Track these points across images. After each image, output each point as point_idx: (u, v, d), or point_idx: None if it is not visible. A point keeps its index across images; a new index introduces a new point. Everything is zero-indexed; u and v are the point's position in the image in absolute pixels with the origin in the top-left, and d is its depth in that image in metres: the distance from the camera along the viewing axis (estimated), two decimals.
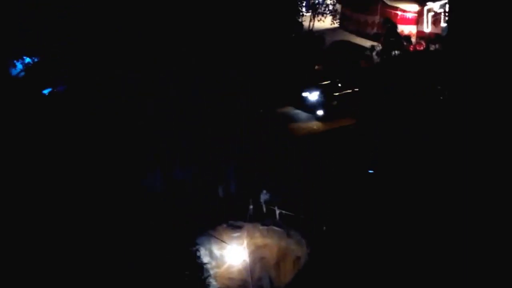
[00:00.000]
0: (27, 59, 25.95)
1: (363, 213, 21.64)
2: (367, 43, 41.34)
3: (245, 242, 24.67)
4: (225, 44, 25.04)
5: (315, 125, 31.38)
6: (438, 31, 41.75)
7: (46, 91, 25.32)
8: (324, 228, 22.18)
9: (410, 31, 42.26)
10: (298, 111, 32.66)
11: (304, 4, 43.92)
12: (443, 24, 41.05)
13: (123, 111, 22.62)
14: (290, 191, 24.40)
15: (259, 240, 24.82)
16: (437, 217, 19.55)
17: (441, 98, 28.79)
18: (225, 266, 24.46)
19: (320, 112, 32.17)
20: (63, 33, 24.10)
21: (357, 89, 33.36)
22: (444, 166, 21.44)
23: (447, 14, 39.21)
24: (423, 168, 21.97)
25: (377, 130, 24.90)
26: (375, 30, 44.13)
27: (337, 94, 33.03)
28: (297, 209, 23.71)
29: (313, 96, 33.07)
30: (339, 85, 33.74)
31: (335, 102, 32.66)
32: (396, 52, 35.17)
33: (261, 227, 25.05)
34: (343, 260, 20.30)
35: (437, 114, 24.71)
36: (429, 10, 41.62)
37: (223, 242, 24.20)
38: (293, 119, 31.87)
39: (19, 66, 25.96)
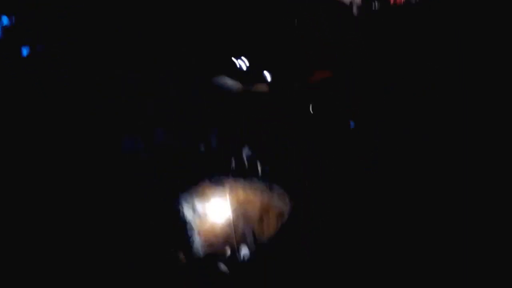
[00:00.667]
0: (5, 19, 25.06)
1: (347, 172, 21.53)
2: None
3: (228, 197, 24.55)
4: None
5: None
6: None
7: (24, 51, 24.57)
8: (307, 183, 22.00)
9: None
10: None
11: None
12: None
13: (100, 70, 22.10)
14: (273, 146, 24.09)
15: (242, 195, 24.56)
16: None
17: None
18: (209, 222, 24.33)
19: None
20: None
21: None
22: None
23: None
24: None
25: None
26: None
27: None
28: (280, 164, 23.39)
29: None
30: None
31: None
32: (376, 4, 34.30)
33: (243, 182, 24.87)
34: (326, 216, 20.40)
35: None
36: None
37: (206, 198, 24.04)
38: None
39: None
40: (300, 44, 29.49)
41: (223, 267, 19.82)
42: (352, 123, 22.83)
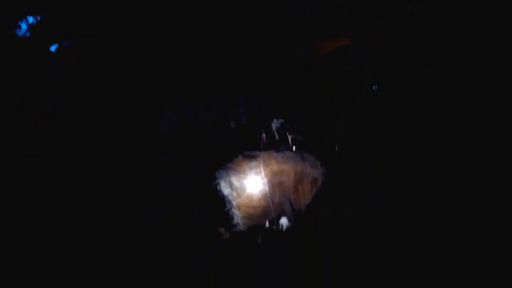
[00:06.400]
0: (31, 19, 25.96)
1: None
2: None
3: (262, 170, 25.20)
4: None
5: None
6: None
7: (53, 48, 25.55)
8: (336, 148, 22.52)
9: None
10: None
11: None
12: None
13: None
14: (300, 116, 24.65)
15: (275, 166, 25.24)
16: None
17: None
18: (246, 195, 25.08)
19: None
20: None
21: None
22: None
23: None
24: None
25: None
26: None
27: None
28: (308, 133, 23.96)
29: None
30: None
31: None
32: None
33: (275, 154, 25.45)
34: (357, 177, 20.89)
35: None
36: None
37: (241, 172, 24.76)
38: None
39: (24, 26, 26.03)
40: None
41: (262, 238, 20.42)
42: (375, 86, 22.81)
